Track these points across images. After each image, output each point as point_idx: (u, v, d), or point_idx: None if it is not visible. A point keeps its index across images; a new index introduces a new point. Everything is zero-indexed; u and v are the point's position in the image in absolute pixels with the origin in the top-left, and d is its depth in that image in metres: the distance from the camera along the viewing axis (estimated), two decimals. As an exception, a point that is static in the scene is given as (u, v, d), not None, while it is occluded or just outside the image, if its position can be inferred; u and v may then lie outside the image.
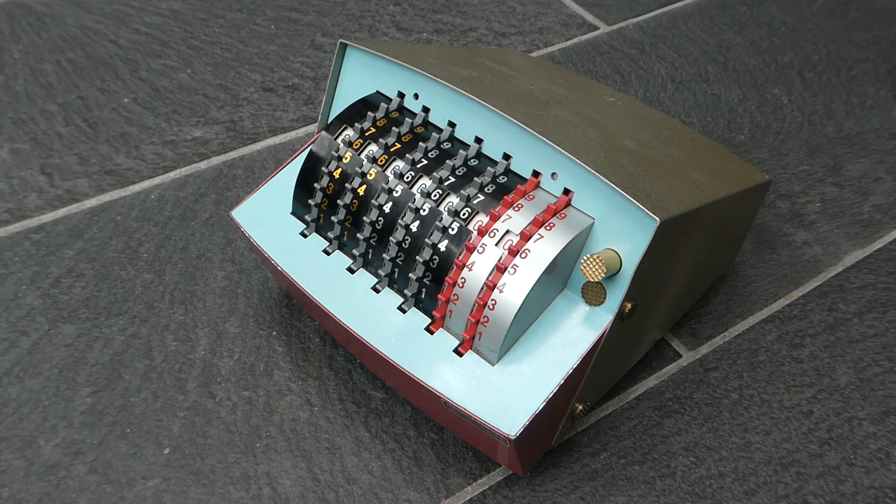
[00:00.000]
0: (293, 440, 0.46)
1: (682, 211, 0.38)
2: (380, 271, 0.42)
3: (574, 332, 0.39)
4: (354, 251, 0.43)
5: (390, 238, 0.41)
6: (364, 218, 0.42)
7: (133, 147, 0.63)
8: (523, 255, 0.37)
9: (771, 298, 0.55)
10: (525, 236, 0.37)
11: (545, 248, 0.37)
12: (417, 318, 0.41)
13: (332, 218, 0.43)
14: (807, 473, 0.46)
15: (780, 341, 0.52)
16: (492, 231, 0.39)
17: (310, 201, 0.44)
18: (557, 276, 0.39)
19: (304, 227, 0.45)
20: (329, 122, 0.45)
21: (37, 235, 0.56)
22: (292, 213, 0.46)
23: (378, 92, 0.45)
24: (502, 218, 0.39)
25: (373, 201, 0.42)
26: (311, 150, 0.44)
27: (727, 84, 0.72)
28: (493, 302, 0.37)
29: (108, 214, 0.58)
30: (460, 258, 0.39)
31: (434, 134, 0.42)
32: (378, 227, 0.42)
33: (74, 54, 0.72)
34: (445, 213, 0.40)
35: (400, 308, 0.41)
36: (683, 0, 0.82)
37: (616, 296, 0.38)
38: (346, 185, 0.43)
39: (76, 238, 0.56)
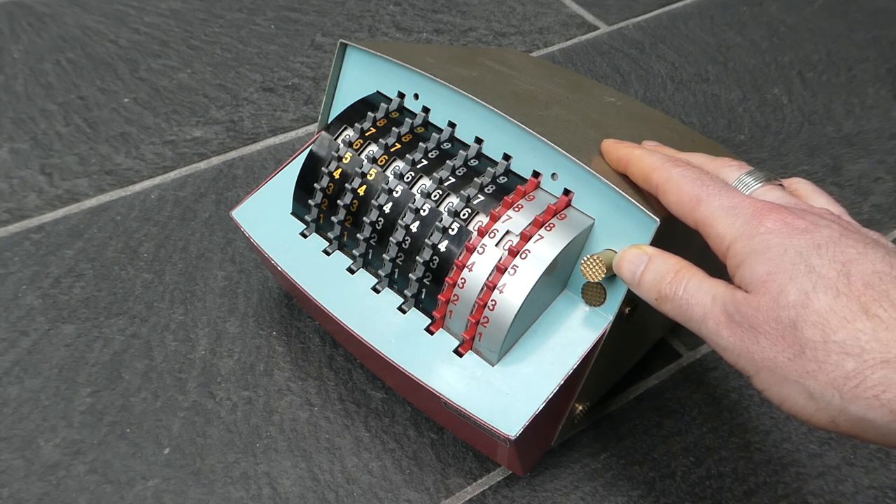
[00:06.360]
0: (293, 440, 0.46)
1: (682, 211, 0.38)
2: (380, 271, 0.42)
3: (574, 333, 0.39)
4: (354, 251, 0.43)
5: (390, 238, 0.41)
6: (364, 218, 0.42)
7: (133, 147, 0.63)
8: (523, 255, 0.37)
9: (771, 298, 0.55)
10: (525, 237, 0.37)
11: (545, 249, 0.37)
12: (417, 319, 0.41)
13: (332, 218, 0.43)
14: (806, 473, 0.46)
15: (779, 341, 0.52)
16: (492, 231, 0.38)
17: (310, 201, 0.44)
18: (557, 276, 0.39)
19: (304, 227, 0.45)
20: (329, 122, 0.45)
21: (37, 235, 0.56)
22: (292, 213, 0.46)
23: (378, 92, 0.45)
24: (502, 218, 0.39)
25: (373, 201, 0.42)
26: (311, 150, 0.44)
27: (727, 84, 0.72)
28: (494, 302, 0.37)
29: (108, 214, 0.58)
30: (460, 258, 0.39)
31: (434, 134, 0.42)
32: (378, 228, 0.42)
33: (74, 54, 0.72)
34: (445, 214, 0.40)
35: (400, 308, 0.41)
36: (683, 0, 0.82)
37: (616, 296, 0.38)
38: (346, 185, 0.43)
39: (76, 238, 0.56)
